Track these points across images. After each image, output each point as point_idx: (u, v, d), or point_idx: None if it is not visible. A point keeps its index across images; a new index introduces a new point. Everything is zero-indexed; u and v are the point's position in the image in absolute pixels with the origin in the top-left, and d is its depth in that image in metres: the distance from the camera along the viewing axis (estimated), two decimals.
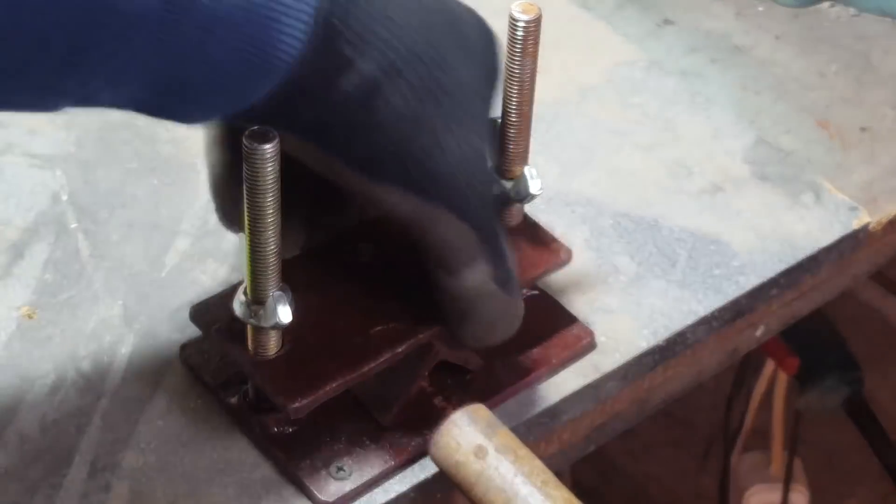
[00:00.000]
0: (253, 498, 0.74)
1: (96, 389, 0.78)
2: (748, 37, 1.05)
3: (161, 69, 0.61)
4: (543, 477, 0.71)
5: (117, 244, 0.85)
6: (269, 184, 0.66)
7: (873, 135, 0.98)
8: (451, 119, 0.67)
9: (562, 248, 0.80)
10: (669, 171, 0.93)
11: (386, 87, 0.65)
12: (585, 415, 0.83)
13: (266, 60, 0.62)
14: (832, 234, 0.90)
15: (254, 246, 0.68)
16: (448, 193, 0.68)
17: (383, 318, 0.74)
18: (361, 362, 0.72)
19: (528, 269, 0.77)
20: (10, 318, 0.81)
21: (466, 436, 0.72)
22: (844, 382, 1.50)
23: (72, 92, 0.61)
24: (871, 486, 1.83)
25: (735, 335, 0.90)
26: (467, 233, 0.69)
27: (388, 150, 0.66)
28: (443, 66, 0.66)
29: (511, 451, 0.72)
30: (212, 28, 0.60)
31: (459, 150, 0.67)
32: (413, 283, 0.74)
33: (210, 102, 0.63)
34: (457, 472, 0.72)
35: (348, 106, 0.65)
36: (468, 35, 0.68)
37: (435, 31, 0.66)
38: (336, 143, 0.66)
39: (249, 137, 0.65)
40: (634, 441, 1.83)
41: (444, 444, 0.73)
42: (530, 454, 0.72)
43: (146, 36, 0.59)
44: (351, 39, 0.63)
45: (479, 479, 0.71)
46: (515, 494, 0.71)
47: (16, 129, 0.92)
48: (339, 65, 0.64)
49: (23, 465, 0.74)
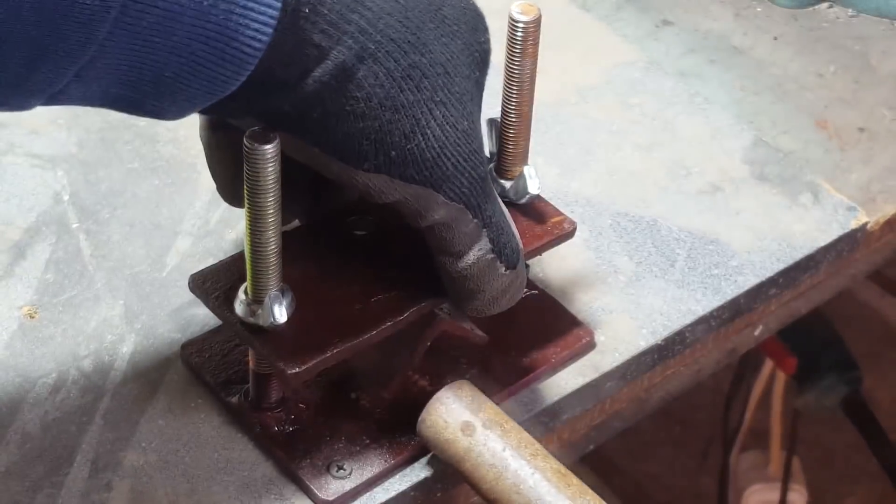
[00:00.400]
0: (253, 497, 0.74)
1: (97, 388, 0.78)
2: (747, 37, 1.05)
3: (130, 61, 0.60)
4: (531, 449, 0.71)
5: (118, 244, 0.86)
6: (269, 184, 0.66)
7: (871, 135, 0.98)
8: (434, 102, 0.66)
9: (566, 219, 0.79)
10: (668, 171, 0.93)
11: (361, 73, 0.64)
12: (585, 414, 0.83)
13: (236, 48, 0.61)
14: (830, 233, 0.90)
15: (254, 246, 0.68)
16: (435, 176, 0.67)
17: (384, 287, 0.73)
18: (362, 330, 0.71)
19: (532, 241, 0.77)
20: (12, 318, 0.81)
21: (453, 413, 0.72)
22: (843, 382, 1.50)
23: (40, 89, 0.60)
24: (869, 486, 1.83)
25: (734, 335, 0.90)
26: (462, 213, 0.69)
27: (368, 137, 0.65)
28: (421, 49, 0.65)
29: (498, 425, 0.72)
30: (178, 15, 0.59)
31: (443, 132, 0.66)
32: (414, 253, 0.73)
33: (184, 94, 0.63)
34: (446, 450, 0.72)
35: (323, 94, 0.64)
36: (450, 15, 0.67)
37: (413, 14, 0.66)
38: (314, 133, 0.66)
39: (250, 138, 0.65)
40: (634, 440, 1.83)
41: (432, 423, 0.73)
42: (517, 427, 0.72)
43: (112, 25, 0.58)
44: (322, 27, 0.63)
45: (468, 455, 0.72)
46: (505, 468, 0.71)
47: (17, 129, 0.92)
48: (311, 53, 0.63)
49: (25, 463, 0.74)
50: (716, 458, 1.71)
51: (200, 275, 0.73)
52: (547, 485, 0.70)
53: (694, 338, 0.85)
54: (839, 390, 1.50)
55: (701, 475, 1.83)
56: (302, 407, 0.77)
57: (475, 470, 0.71)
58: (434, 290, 0.73)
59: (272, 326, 0.70)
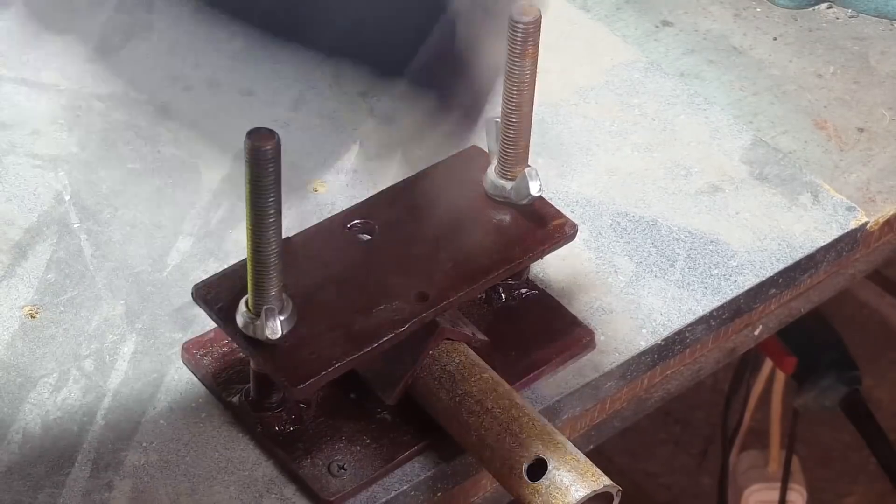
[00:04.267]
0: (254, 496, 0.74)
1: (98, 388, 0.78)
2: (746, 38, 1.05)
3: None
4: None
5: (119, 244, 0.86)
6: (269, 184, 0.66)
7: (871, 135, 0.98)
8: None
9: (567, 222, 0.79)
10: (668, 171, 0.93)
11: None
12: (585, 413, 0.83)
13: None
14: (830, 233, 0.90)
15: (255, 247, 0.68)
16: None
17: (387, 296, 0.73)
18: (365, 342, 0.72)
19: (533, 245, 0.77)
20: (14, 318, 0.81)
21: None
22: (842, 381, 1.50)
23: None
24: (868, 485, 1.83)
25: (733, 334, 0.90)
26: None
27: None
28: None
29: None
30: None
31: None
32: (417, 259, 0.73)
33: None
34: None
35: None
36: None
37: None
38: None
39: (250, 138, 0.65)
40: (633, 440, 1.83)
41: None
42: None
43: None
44: None
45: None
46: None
47: (19, 130, 0.92)
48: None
49: (26, 463, 0.75)
50: (715, 457, 1.71)
51: (204, 284, 0.74)
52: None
53: (694, 338, 0.85)
54: (838, 390, 1.50)
55: (701, 475, 1.83)
56: (302, 407, 0.77)
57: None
58: (436, 299, 0.73)
59: (270, 341, 0.70)
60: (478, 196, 0.78)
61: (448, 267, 0.75)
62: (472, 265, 0.75)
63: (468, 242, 0.75)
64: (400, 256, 0.74)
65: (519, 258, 0.76)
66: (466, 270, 0.75)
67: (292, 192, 0.89)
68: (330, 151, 0.93)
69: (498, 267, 0.75)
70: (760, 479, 1.67)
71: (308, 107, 0.95)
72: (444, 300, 0.73)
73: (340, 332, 0.71)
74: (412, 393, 0.75)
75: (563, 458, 0.70)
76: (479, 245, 0.75)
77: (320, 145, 0.93)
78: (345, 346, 0.71)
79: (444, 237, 0.76)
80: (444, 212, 0.76)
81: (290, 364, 0.70)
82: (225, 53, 0.99)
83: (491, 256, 0.75)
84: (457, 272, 0.74)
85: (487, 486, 0.82)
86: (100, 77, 0.96)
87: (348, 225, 0.76)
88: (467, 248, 0.75)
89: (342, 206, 0.83)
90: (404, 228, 0.75)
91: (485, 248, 0.75)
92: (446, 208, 0.77)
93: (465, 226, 0.76)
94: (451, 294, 0.74)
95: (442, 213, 0.76)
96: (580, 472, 0.69)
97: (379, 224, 0.76)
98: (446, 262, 0.75)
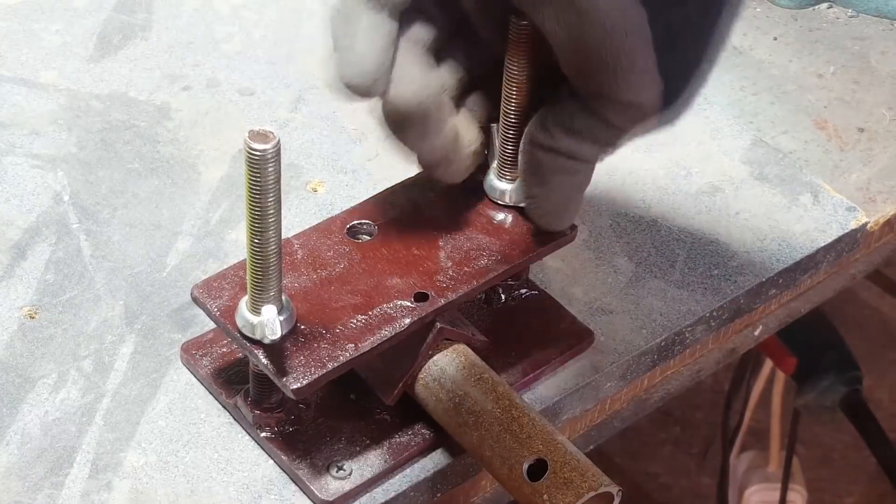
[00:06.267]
0: (253, 497, 0.74)
1: (98, 389, 0.78)
2: (746, 38, 1.05)
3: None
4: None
5: (119, 244, 0.86)
6: (269, 184, 0.66)
7: (871, 135, 0.98)
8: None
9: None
10: (668, 171, 0.93)
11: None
12: (584, 414, 0.83)
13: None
14: (830, 234, 0.90)
15: (254, 248, 0.68)
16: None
17: (386, 296, 0.73)
18: (364, 342, 0.72)
19: (532, 246, 0.77)
20: (12, 318, 0.81)
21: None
22: (842, 382, 1.50)
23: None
24: (868, 485, 1.83)
25: (733, 335, 0.90)
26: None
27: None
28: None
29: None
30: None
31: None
32: (416, 258, 0.73)
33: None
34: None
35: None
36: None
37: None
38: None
39: (250, 138, 0.65)
40: (633, 440, 1.83)
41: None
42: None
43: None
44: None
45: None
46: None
47: (18, 130, 0.92)
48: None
49: (25, 463, 0.75)
50: (715, 457, 1.71)
51: (203, 285, 0.74)
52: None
53: (693, 338, 0.85)
54: (839, 390, 1.50)
55: (701, 475, 1.83)
56: (302, 407, 0.77)
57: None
58: (435, 299, 0.73)
59: (269, 341, 0.70)
60: (477, 197, 0.78)
61: (448, 267, 0.75)
62: (471, 266, 0.75)
63: (468, 243, 0.75)
64: (399, 256, 0.74)
65: (518, 259, 0.76)
66: (466, 271, 0.75)
67: (292, 192, 0.89)
68: (330, 151, 0.93)
69: (497, 267, 0.75)
70: (760, 480, 1.68)
71: (308, 107, 0.95)
72: (444, 300, 0.73)
73: (340, 332, 0.71)
74: (412, 393, 0.75)
75: (563, 458, 0.70)
76: (478, 246, 0.75)
77: (320, 145, 0.93)
78: (344, 346, 0.71)
79: (443, 238, 0.76)
80: (443, 212, 0.77)
81: (289, 364, 0.70)
82: (225, 53, 0.99)
83: (490, 257, 0.75)
84: (456, 272, 0.74)
85: (487, 487, 0.82)
86: (99, 77, 0.96)
87: (348, 225, 0.76)
88: (467, 249, 0.75)
89: (342, 206, 0.83)
90: (404, 228, 0.74)
91: (484, 249, 0.75)
92: (446, 209, 0.77)
93: (464, 226, 0.76)
94: (451, 294, 0.74)
95: (442, 213, 0.77)
96: (580, 472, 0.69)
97: (379, 224, 0.76)
98: (446, 263, 0.75)
